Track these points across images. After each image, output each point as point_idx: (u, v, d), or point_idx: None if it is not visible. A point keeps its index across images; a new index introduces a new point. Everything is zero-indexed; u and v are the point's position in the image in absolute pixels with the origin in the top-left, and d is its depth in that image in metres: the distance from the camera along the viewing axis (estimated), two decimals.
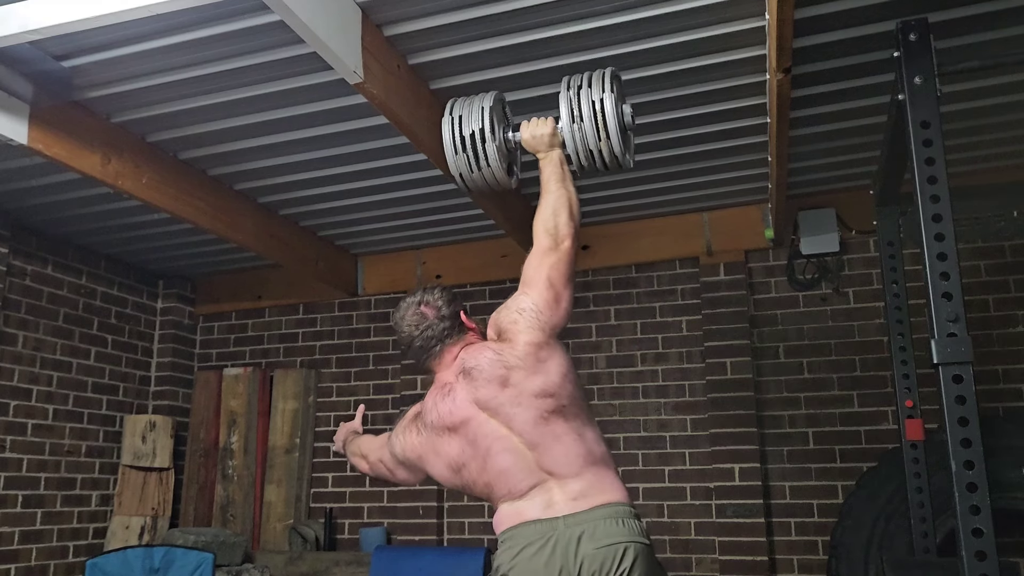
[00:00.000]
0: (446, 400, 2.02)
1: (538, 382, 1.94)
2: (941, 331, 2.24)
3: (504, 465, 1.94)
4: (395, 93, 2.86)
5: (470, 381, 2.00)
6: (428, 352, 2.09)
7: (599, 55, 2.94)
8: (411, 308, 2.14)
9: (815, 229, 4.25)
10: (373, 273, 5.17)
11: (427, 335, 2.09)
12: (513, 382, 1.95)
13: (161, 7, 2.30)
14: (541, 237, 2.03)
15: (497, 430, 1.96)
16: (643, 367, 4.52)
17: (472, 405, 1.98)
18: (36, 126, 3.04)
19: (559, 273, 2.01)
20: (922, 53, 2.41)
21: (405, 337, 2.12)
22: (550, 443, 1.92)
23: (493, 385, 1.96)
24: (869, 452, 4.00)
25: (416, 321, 2.11)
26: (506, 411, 1.95)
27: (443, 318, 2.10)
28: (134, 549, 3.93)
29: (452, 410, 2.00)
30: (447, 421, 2.01)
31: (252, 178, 3.98)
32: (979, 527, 2.12)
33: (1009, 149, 3.82)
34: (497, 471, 1.95)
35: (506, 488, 1.95)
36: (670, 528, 4.29)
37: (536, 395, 1.94)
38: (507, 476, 1.95)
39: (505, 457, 1.94)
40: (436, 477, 2.09)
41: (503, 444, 1.95)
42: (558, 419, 1.94)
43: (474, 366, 2.00)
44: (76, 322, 4.73)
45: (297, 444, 5.09)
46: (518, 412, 1.94)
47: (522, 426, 1.94)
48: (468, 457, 1.99)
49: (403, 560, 4.26)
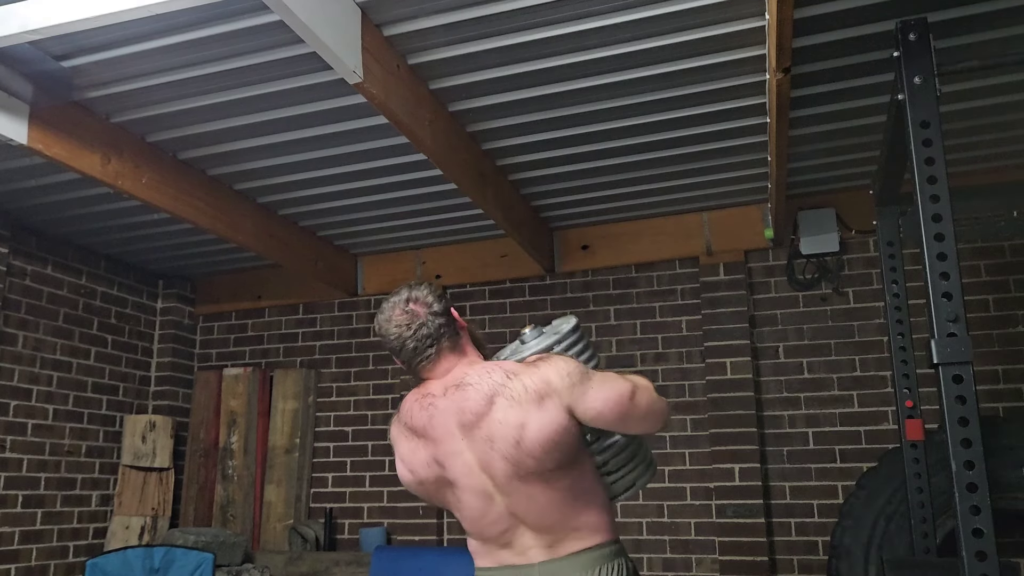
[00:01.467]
0: (423, 412, 1.86)
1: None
2: (941, 331, 2.24)
3: (472, 506, 1.83)
4: (395, 93, 2.86)
5: (462, 400, 1.81)
6: (422, 355, 1.86)
7: (599, 55, 2.94)
8: (398, 307, 1.88)
9: (815, 229, 4.25)
10: (373, 273, 5.17)
11: (422, 334, 1.85)
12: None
13: (161, 7, 2.30)
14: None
15: (471, 466, 1.80)
16: (643, 367, 4.51)
17: (454, 427, 1.82)
18: (36, 126, 3.04)
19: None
20: (922, 53, 2.42)
21: (394, 339, 1.86)
22: (524, 498, 1.79)
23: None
24: (869, 452, 4.00)
25: (406, 320, 1.86)
26: (484, 452, 1.79)
27: (436, 315, 1.87)
28: (134, 549, 3.93)
29: (426, 425, 1.84)
30: (418, 429, 1.87)
31: (252, 178, 3.98)
32: (979, 527, 2.12)
33: (1009, 149, 3.82)
34: (466, 508, 1.85)
35: (475, 528, 1.86)
36: (670, 528, 4.29)
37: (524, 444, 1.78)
38: (475, 519, 1.84)
39: (473, 499, 1.82)
40: (401, 475, 1.94)
41: (473, 483, 1.81)
42: (539, 470, 1.78)
43: (473, 383, 1.81)
44: (76, 322, 4.73)
45: (297, 444, 5.09)
46: (495, 458, 1.78)
47: (497, 469, 1.78)
48: (432, 475, 1.86)
49: (403, 560, 4.26)
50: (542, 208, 4.46)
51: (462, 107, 3.31)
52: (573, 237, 4.73)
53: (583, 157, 3.78)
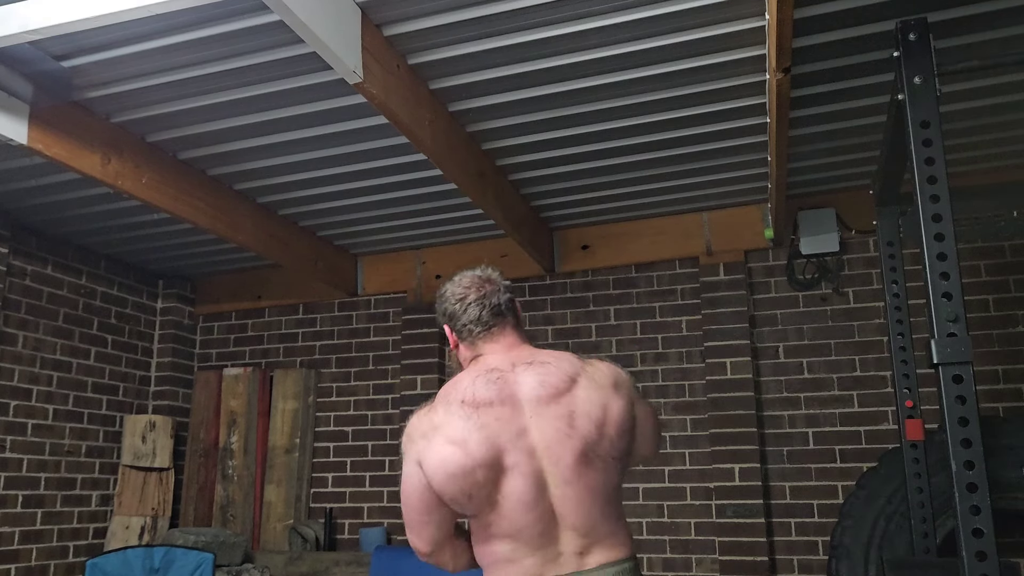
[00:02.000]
0: (491, 385, 1.75)
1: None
2: (941, 331, 2.24)
3: (520, 497, 1.70)
4: (395, 93, 2.86)
5: (543, 374, 1.77)
6: (491, 322, 1.87)
7: (599, 55, 2.94)
8: (469, 277, 1.94)
9: (815, 229, 4.25)
10: (373, 273, 5.17)
11: (492, 302, 1.88)
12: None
13: (161, 7, 2.30)
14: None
15: (533, 447, 1.72)
16: (643, 367, 4.52)
17: (524, 402, 1.74)
18: (36, 126, 3.04)
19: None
20: (922, 53, 2.42)
21: (460, 303, 1.88)
22: (576, 489, 1.73)
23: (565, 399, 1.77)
24: (869, 452, 4.00)
25: (478, 285, 1.90)
26: (554, 434, 1.73)
27: (507, 290, 1.93)
28: (134, 549, 3.93)
29: (494, 399, 1.73)
30: (483, 402, 1.73)
31: (251, 178, 3.98)
32: (979, 527, 2.12)
33: (1009, 149, 3.82)
34: (511, 500, 1.70)
35: (512, 527, 1.71)
36: (670, 528, 4.29)
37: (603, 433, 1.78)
38: (518, 514, 1.70)
39: (524, 487, 1.70)
40: (449, 462, 1.70)
41: (531, 468, 1.71)
42: (597, 464, 1.76)
43: (550, 362, 1.80)
44: (76, 322, 4.73)
45: (297, 444, 5.09)
46: (567, 443, 1.73)
47: (563, 455, 1.72)
48: (490, 457, 1.69)
49: (403, 560, 4.26)
50: (542, 208, 4.46)
51: (462, 107, 3.31)
52: (573, 237, 4.73)
53: (583, 157, 3.78)
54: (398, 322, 5.08)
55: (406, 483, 1.77)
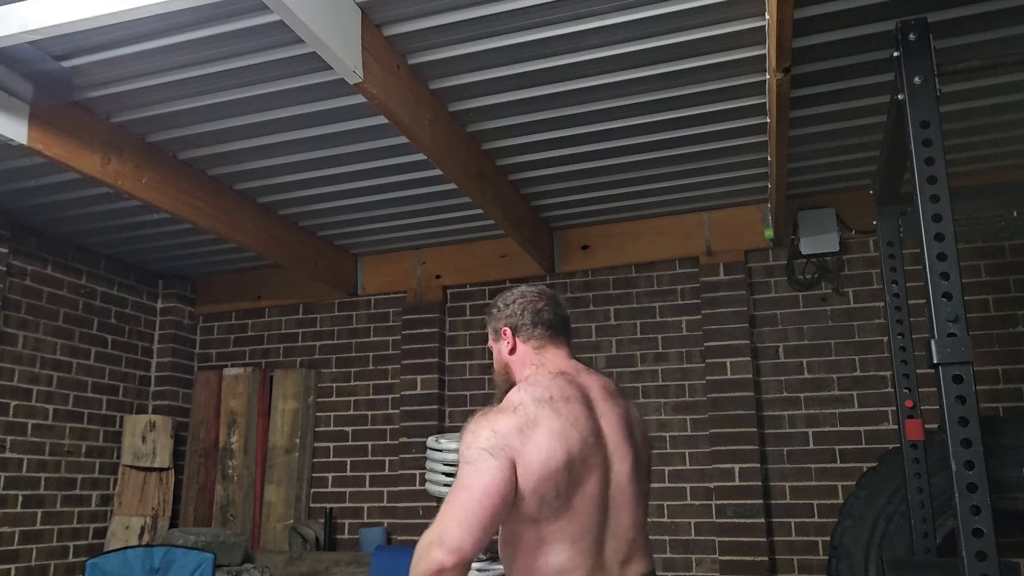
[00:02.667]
0: (569, 385, 1.86)
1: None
2: (941, 331, 2.24)
3: (596, 498, 1.77)
4: (395, 93, 2.86)
5: (601, 381, 1.96)
6: (557, 330, 2.03)
7: (599, 55, 2.94)
8: (540, 288, 2.12)
9: (815, 229, 4.25)
10: (373, 273, 5.17)
11: (562, 313, 2.07)
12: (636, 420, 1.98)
13: (161, 7, 2.30)
14: None
15: (608, 441, 1.83)
16: (643, 367, 4.52)
17: (596, 407, 1.88)
18: (36, 126, 3.04)
19: None
20: (922, 53, 2.41)
21: (533, 304, 2.04)
22: (632, 494, 1.85)
23: (625, 408, 1.95)
24: (869, 452, 4.00)
25: (549, 296, 2.08)
26: (621, 433, 1.87)
27: (566, 308, 2.13)
28: (134, 549, 3.93)
29: (573, 395, 1.84)
30: (572, 398, 1.83)
31: (251, 178, 3.98)
32: (979, 527, 2.12)
33: (1009, 149, 3.82)
34: (588, 500, 1.75)
35: (579, 530, 1.74)
36: (670, 528, 4.29)
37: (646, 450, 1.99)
38: (591, 514, 1.75)
39: (601, 485, 1.79)
40: (546, 458, 1.72)
41: (605, 462, 1.81)
42: (642, 474, 1.92)
43: (608, 382, 1.99)
44: (76, 322, 4.73)
45: (297, 444, 5.09)
46: (629, 443, 1.88)
47: (627, 454, 1.85)
48: (584, 453, 1.76)
49: (403, 560, 4.23)
50: (542, 208, 4.46)
51: (462, 107, 3.31)
52: (573, 237, 4.73)
53: (583, 157, 3.78)
54: (398, 322, 5.08)
55: (484, 483, 1.66)
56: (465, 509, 1.64)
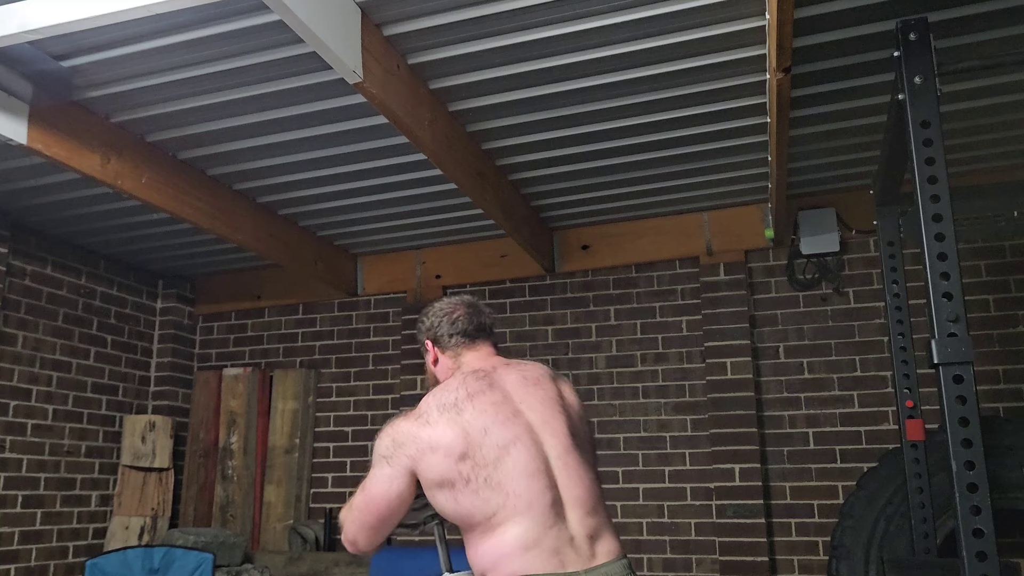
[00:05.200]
0: (479, 381, 1.93)
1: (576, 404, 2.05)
2: (941, 331, 2.24)
3: (528, 468, 1.79)
4: (394, 93, 2.86)
5: (521, 370, 2.00)
6: (473, 336, 2.10)
7: (598, 55, 2.94)
8: (458, 299, 2.21)
9: (815, 229, 4.25)
10: (372, 273, 5.17)
11: (478, 320, 2.13)
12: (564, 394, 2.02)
13: (161, 7, 2.30)
14: None
15: (531, 420, 1.88)
16: (643, 367, 4.52)
17: (518, 386, 1.95)
18: (36, 126, 3.04)
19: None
20: (922, 53, 2.42)
21: (448, 316, 2.13)
22: (573, 466, 1.86)
23: (544, 384, 1.99)
24: (869, 452, 4.00)
25: (467, 304, 2.17)
26: (546, 411, 1.92)
27: (491, 316, 2.19)
28: (134, 549, 3.93)
29: (483, 388, 1.91)
30: (483, 389, 1.91)
31: (251, 178, 3.98)
32: (980, 527, 2.12)
33: (1009, 149, 3.81)
34: (519, 472, 1.78)
35: (521, 501, 1.75)
36: (670, 528, 4.29)
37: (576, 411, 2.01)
38: (527, 484, 1.77)
39: (530, 459, 1.80)
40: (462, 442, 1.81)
41: (532, 437, 1.84)
42: (585, 447, 1.94)
43: (525, 364, 2.04)
44: (76, 322, 4.73)
45: (297, 444, 5.09)
46: (560, 418, 1.92)
47: (559, 428, 1.89)
48: (509, 436, 1.81)
49: (403, 560, 4.26)
50: (542, 208, 4.46)
51: (462, 107, 3.31)
52: (573, 237, 4.73)
53: (583, 157, 3.78)
54: (398, 322, 5.08)
55: (378, 489, 1.94)
56: (359, 510, 2.00)
